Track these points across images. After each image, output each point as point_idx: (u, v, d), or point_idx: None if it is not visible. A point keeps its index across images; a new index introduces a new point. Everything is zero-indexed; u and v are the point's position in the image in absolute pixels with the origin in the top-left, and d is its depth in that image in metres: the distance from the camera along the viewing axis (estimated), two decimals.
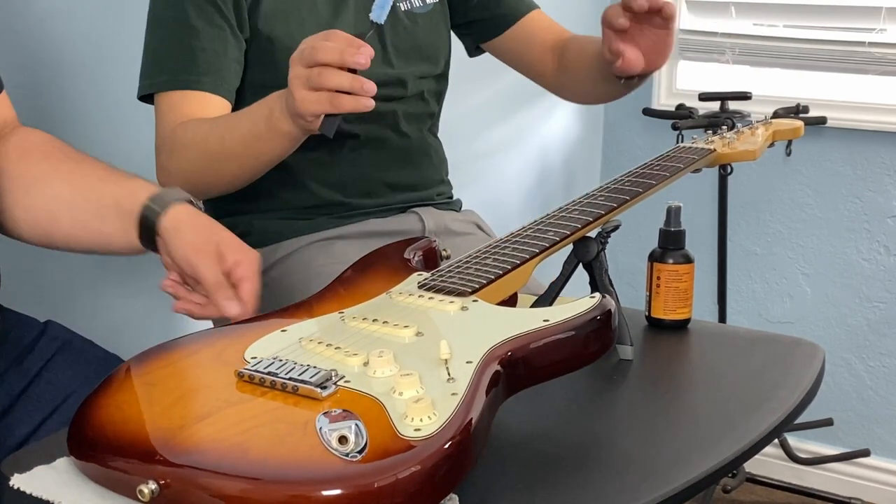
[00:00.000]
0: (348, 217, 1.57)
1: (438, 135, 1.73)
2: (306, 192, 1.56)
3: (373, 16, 1.25)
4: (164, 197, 1.17)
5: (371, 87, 1.21)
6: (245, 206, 1.56)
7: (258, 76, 1.50)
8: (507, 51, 1.76)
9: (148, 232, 1.17)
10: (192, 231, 1.15)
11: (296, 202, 1.56)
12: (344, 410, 0.85)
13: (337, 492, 0.77)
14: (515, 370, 0.94)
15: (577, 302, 1.00)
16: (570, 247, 1.22)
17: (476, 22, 1.72)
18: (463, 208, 1.74)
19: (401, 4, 1.61)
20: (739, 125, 1.58)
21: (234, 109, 1.52)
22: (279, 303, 1.31)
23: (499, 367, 0.92)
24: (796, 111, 2.39)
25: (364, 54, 1.20)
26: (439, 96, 1.70)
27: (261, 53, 1.50)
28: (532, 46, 1.74)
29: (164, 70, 1.46)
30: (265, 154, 1.38)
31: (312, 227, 1.55)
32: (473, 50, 1.79)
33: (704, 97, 2.45)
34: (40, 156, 1.25)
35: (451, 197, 1.72)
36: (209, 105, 1.45)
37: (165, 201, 1.17)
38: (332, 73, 1.20)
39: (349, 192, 1.57)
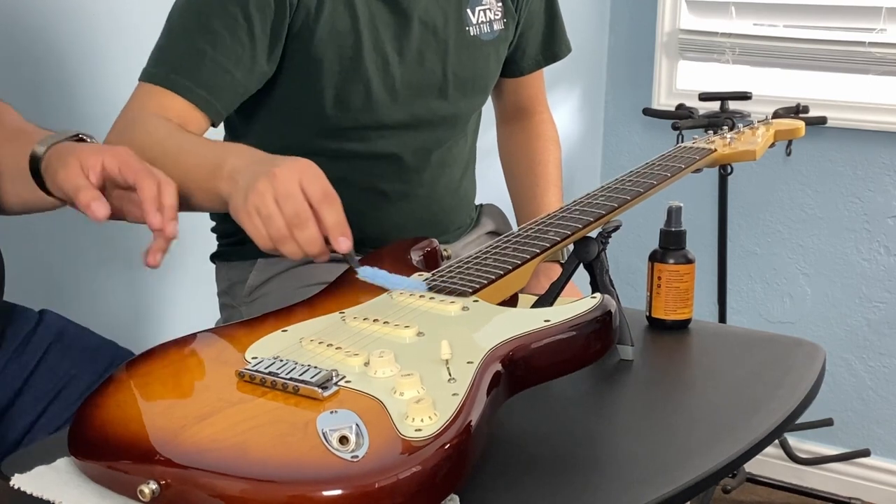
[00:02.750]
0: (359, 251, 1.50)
1: None
2: None
3: (360, 272, 1.11)
4: (49, 139, 1.15)
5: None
6: None
7: (302, 104, 1.41)
8: (499, 86, 1.68)
9: (37, 174, 1.14)
10: (55, 161, 1.12)
11: None
12: (345, 411, 0.85)
13: (338, 492, 0.77)
14: (516, 370, 0.94)
15: (578, 302, 1.00)
16: (571, 247, 1.22)
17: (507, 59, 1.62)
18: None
19: (470, 28, 1.50)
20: (740, 125, 1.58)
21: (253, 129, 1.45)
22: None
23: (500, 368, 0.92)
24: (796, 111, 2.38)
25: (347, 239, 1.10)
26: (478, 127, 1.63)
27: (307, 79, 1.40)
28: (505, 97, 1.70)
29: (167, 63, 1.34)
30: (194, 199, 1.21)
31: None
32: None
33: (704, 97, 2.45)
34: None
35: (471, 219, 1.65)
36: (188, 118, 1.32)
37: (49, 142, 1.14)
38: (311, 228, 1.08)
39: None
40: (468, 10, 1.50)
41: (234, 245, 1.55)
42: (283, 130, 1.45)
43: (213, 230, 1.61)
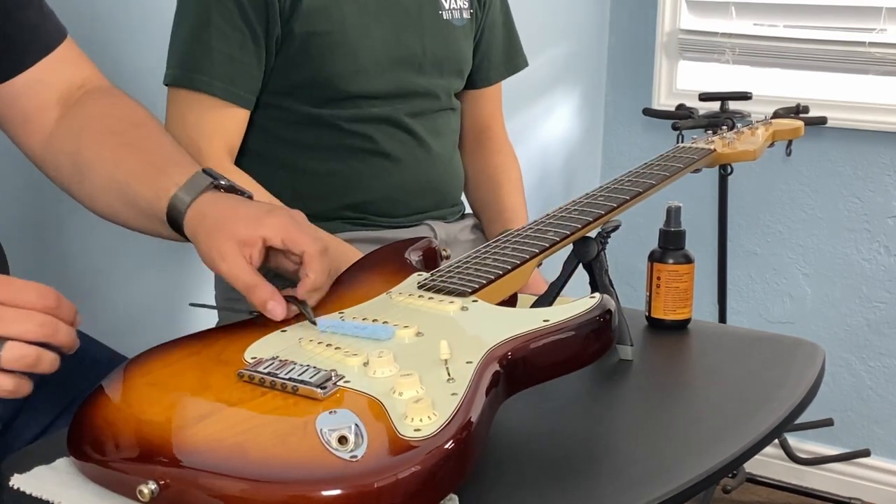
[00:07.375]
0: (363, 226, 1.56)
1: None
2: (327, 203, 1.55)
3: (320, 324, 1.02)
4: (183, 197, 1.12)
5: None
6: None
7: (293, 77, 1.49)
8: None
9: (181, 232, 1.14)
10: (205, 238, 1.09)
11: (315, 209, 1.51)
12: (344, 411, 0.85)
13: (337, 492, 0.77)
14: (515, 370, 0.94)
15: (578, 302, 1.00)
16: (571, 247, 1.22)
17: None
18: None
19: (443, 13, 1.60)
20: (739, 125, 1.58)
21: (261, 114, 1.51)
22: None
23: (499, 368, 0.92)
24: (796, 111, 2.38)
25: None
26: (459, 112, 1.70)
27: (295, 54, 1.48)
28: (467, 114, 1.74)
29: (181, 63, 1.46)
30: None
31: (325, 229, 1.52)
32: None
33: (704, 97, 2.45)
34: (92, 138, 1.22)
35: (462, 212, 1.71)
36: (222, 112, 1.45)
37: (182, 206, 1.12)
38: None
39: (371, 210, 1.55)
40: None
41: None
42: (285, 105, 1.52)
43: None
